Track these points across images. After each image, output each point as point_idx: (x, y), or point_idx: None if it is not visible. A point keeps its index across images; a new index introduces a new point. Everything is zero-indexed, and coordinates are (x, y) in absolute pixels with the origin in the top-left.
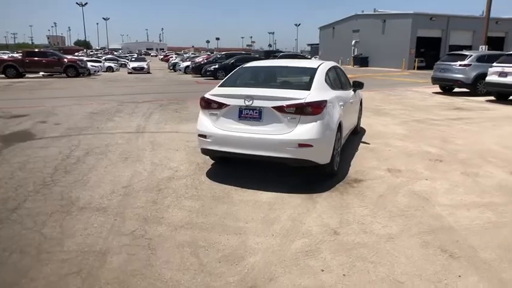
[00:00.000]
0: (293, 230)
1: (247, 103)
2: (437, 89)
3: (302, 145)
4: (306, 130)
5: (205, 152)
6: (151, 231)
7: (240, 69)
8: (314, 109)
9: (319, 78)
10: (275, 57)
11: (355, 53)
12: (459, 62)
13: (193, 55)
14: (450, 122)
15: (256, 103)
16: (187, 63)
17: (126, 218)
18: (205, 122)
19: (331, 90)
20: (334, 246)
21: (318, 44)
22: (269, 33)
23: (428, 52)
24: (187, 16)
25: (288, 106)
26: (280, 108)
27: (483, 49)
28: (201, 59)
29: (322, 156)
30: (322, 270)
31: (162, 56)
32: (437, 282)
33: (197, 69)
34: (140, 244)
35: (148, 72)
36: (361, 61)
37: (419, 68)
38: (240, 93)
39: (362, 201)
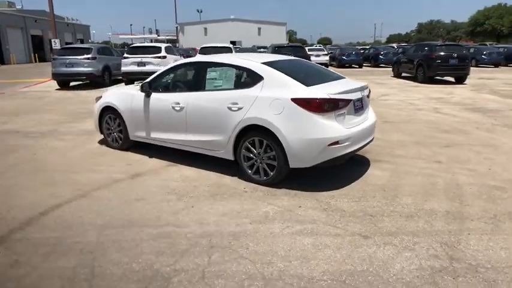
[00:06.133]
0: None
1: (363, 94)
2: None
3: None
4: (371, 109)
5: (337, 160)
6: None
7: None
8: None
9: None
10: None
11: None
12: (85, 56)
13: None
14: None
15: (364, 92)
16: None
17: None
18: (334, 125)
19: None
20: None
21: None
22: None
23: None
24: None
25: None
26: (369, 95)
27: (56, 43)
28: None
29: None
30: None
31: None
32: None
33: None
34: None
35: None
36: None
37: None
38: (355, 86)
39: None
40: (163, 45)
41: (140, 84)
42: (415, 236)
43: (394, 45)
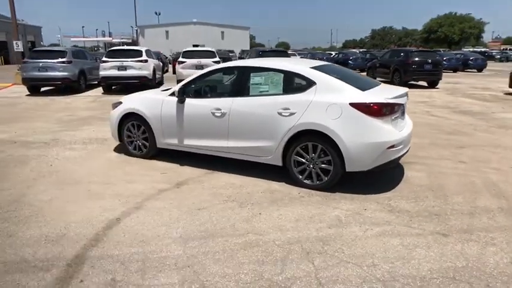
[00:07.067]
0: None
1: (407, 99)
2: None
3: None
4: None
5: (391, 163)
6: None
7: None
8: None
9: None
10: None
11: None
12: (59, 59)
13: None
14: None
15: (407, 98)
16: None
17: None
18: (390, 129)
19: None
20: None
21: None
22: None
23: None
24: None
25: None
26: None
27: (19, 46)
28: None
29: None
30: None
31: None
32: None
33: None
34: None
35: None
36: None
37: None
38: (402, 91)
39: None
40: (143, 49)
41: (168, 89)
42: (488, 232)
43: (356, 50)
